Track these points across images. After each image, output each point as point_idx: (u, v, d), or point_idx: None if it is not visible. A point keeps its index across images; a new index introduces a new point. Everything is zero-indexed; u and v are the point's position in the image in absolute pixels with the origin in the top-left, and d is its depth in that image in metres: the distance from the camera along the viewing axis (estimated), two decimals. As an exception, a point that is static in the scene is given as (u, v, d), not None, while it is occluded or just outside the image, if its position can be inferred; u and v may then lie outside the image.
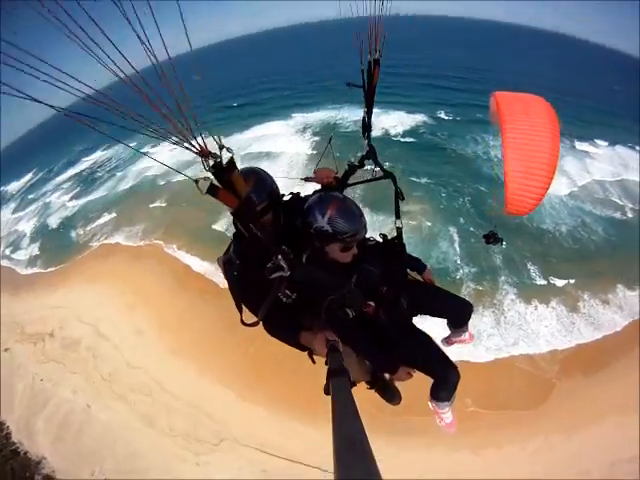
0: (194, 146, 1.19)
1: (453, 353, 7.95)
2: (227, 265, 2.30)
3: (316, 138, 25.42)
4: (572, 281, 12.90)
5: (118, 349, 14.17)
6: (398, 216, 2.72)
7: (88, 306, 16.79)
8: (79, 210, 29.30)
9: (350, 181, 2.67)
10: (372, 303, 2.26)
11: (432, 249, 14.47)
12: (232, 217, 2.01)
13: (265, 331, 2.33)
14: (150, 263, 17.29)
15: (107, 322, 15.41)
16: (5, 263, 27.52)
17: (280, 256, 1.81)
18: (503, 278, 13.15)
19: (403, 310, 2.54)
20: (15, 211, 39.57)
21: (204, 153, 1.22)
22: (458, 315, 2.85)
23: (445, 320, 2.99)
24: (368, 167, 2.65)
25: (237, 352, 11.88)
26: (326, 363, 1.84)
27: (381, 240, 2.70)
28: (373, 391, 3.01)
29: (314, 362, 2.56)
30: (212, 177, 1.29)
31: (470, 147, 22.00)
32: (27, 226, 32.17)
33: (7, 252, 29.29)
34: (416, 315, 2.73)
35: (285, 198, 2.44)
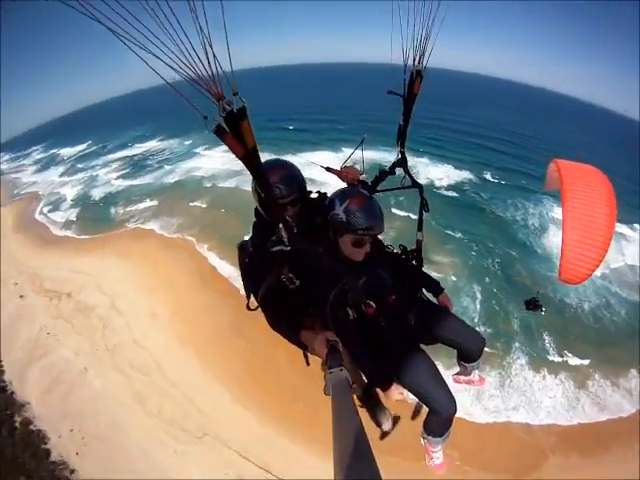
0: (211, 89, 1.27)
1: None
2: (241, 251, 2.55)
3: (363, 176, 27.96)
4: (586, 362, 13.45)
5: (128, 326, 15.88)
6: (420, 228, 2.89)
7: (111, 279, 18.84)
8: (123, 190, 32.64)
9: (379, 188, 2.90)
10: (373, 304, 2.34)
11: (453, 302, 15.69)
12: (257, 204, 2.37)
13: (270, 326, 2.51)
14: (180, 255, 19.37)
15: (125, 298, 17.27)
16: (40, 219, 31.00)
17: (281, 225, 1.92)
18: (517, 344, 13.84)
19: (409, 325, 2.65)
20: (62, 175, 44.24)
21: (219, 97, 1.29)
22: (468, 348, 2.86)
23: (456, 354, 3.09)
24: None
25: (241, 358, 13.25)
26: (325, 363, 1.90)
27: (400, 250, 2.91)
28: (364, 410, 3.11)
29: (308, 363, 2.73)
30: (222, 121, 1.36)
31: (510, 212, 23.59)
32: (70, 192, 35.90)
33: (45, 210, 32.85)
34: (424, 337, 2.82)
35: (312, 196, 2.64)
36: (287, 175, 2.35)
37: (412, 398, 2.59)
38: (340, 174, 2.75)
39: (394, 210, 21.87)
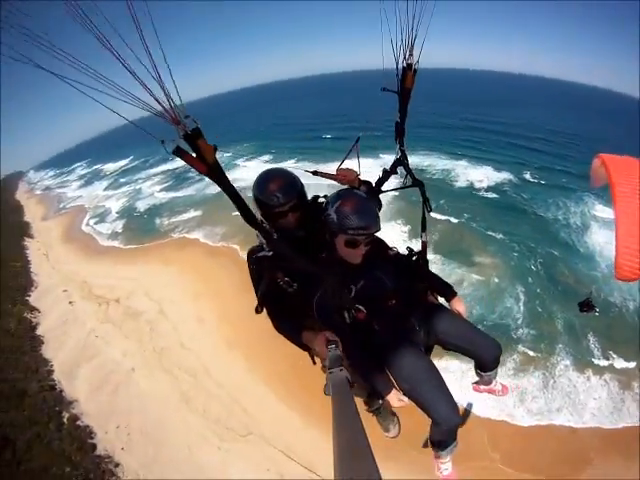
0: (168, 116, 1.52)
1: (493, 408, 10.19)
2: (248, 257, 2.77)
3: (401, 179, 29.55)
4: (632, 364, 13.46)
5: (176, 330, 17.71)
6: (424, 229, 3.05)
7: (157, 285, 21.07)
8: (167, 202, 36.00)
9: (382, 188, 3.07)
10: (362, 308, 2.52)
11: (497, 304, 16.12)
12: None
13: (275, 329, 2.86)
14: (224, 262, 21.23)
15: (172, 304, 19.28)
16: (87, 230, 34.64)
17: (257, 232, 2.15)
18: (561, 345, 14.06)
19: (412, 330, 2.80)
20: (106, 189, 49.19)
21: (175, 121, 1.53)
22: (481, 356, 2.95)
23: (473, 362, 3.18)
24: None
25: (286, 361, 14.35)
26: (325, 363, 2.02)
27: (405, 253, 3.04)
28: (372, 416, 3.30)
29: (314, 363, 3.02)
30: (184, 142, 1.61)
31: (551, 211, 24.18)
32: (115, 205, 39.99)
33: (91, 222, 36.85)
34: (431, 343, 2.96)
35: (320, 200, 2.87)
36: (284, 183, 2.56)
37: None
38: (335, 177, 2.83)
39: (433, 214, 22.82)
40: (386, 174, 2.99)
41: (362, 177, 2.92)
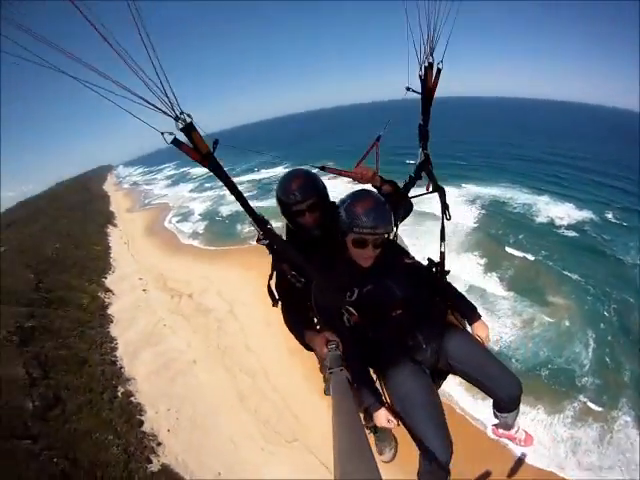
0: (167, 111, 1.79)
1: (543, 456, 10.93)
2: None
3: (483, 211, 31.26)
4: None
5: (243, 331, 19.78)
6: (443, 238, 3.12)
7: (232, 287, 23.67)
8: (250, 210, 39.35)
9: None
10: (354, 311, 2.59)
11: (565, 348, 16.20)
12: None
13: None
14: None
15: (243, 305, 21.58)
16: (170, 227, 39.08)
17: (254, 224, 2.46)
18: (624, 399, 13.71)
19: (418, 347, 2.78)
20: (192, 191, 55.11)
21: (175, 117, 1.83)
22: (496, 393, 2.86)
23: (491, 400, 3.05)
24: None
25: (344, 373, 15.67)
26: (325, 364, 2.20)
27: (424, 263, 3.07)
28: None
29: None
30: (182, 134, 1.89)
31: (631, 255, 23.72)
32: (199, 207, 44.83)
33: (174, 220, 41.70)
34: (442, 367, 2.94)
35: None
36: (302, 182, 2.80)
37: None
38: (350, 175, 2.95)
39: (509, 249, 24.31)
40: (412, 179, 3.04)
41: (384, 176, 3.04)
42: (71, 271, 33.10)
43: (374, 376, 2.84)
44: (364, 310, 2.60)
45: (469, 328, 3.02)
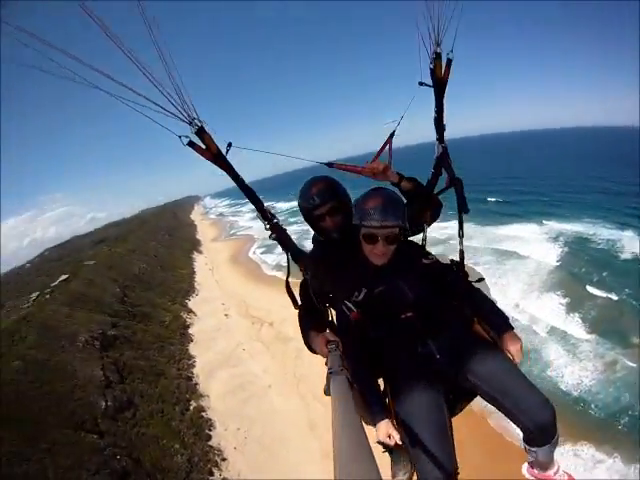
0: (184, 118, 2.05)
1: None
2: None
3: (566, 249, 31.13)
4: None
5: (321, 361, 21.31)
6: (461, 234, 3.19)
7: (313, 318, 25.36)
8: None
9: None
10: (352, 307, 2.68)
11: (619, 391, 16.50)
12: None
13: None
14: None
15: (322, 338, 23.14)
16: (254, 258, 42.57)
17: (261, 218, 2.66)
18: None
19: (430, 356, 2.68)
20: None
21: (190, 121, 2.07)
22: (523, 421, 2.54)
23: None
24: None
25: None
26: (326, 364, 2.31)
27: (447, 263, 3.06)
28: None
29: None
30: (195, 136, 2.15)
31: None
32: (281, 241, 47.93)
33: (258, 251, 45.31)
34: (462, 384, 2.74)
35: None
36: (322, 187, 2.97)
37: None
38: (360, 171, 2.85)
39: (592, 289, 23.88)
40: (433, 175, 3.02)
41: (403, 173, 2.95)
42: (156, 290, 36.91)
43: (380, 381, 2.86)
44: (371, 309, 2.68)
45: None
